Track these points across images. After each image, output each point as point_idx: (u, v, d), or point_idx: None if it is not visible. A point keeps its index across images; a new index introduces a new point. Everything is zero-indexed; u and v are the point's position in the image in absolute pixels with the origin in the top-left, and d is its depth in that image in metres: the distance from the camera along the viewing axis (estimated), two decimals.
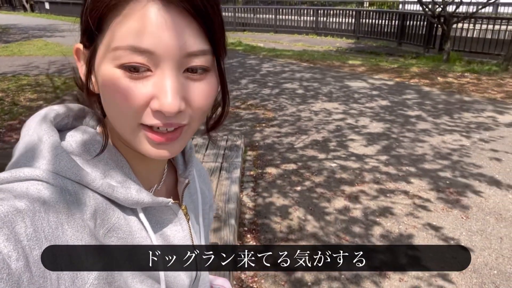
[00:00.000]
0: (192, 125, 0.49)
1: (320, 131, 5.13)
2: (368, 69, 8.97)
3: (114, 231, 0.48)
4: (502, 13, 14.37)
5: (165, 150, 0.48)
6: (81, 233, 0.43)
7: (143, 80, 0.43)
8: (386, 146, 4.66)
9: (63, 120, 0.53)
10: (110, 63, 0.43)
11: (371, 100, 6.50)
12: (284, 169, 4.07)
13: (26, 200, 0.39)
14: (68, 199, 0.43)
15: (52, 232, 0.40)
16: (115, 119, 0.47)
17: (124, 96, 0.43)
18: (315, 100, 6.52)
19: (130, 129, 0.46)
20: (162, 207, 0.56)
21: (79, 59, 0.50)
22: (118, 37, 0.42)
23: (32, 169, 0.43)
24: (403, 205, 3.40)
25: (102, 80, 0.45)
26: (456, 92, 6.98)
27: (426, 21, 11.07)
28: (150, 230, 0.53)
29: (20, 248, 0.36)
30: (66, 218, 0.42)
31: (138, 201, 0.50)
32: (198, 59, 0.45)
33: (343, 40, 14.39)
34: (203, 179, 0.75)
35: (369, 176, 3.92)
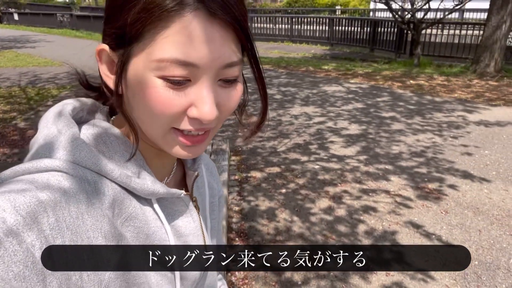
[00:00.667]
0: (217, 127, 0.52)
1: (301, 135, 5.21)
2: (343, 74, 9.19)
3: (131, 220, 0.50)
4: (467, 18, 15.05)
5: (193, 152, 0.51)
6: (100, 222, 0.44)
7: (182, 89, 0.45)
8: (364, 146, 4.78)
9: (78, 114, 0.54)
10: (151, 72, 0.44)
11: (348, 103, 6.66)
12: (268, 173, 4.11)
13: (47, 191, 0.40)
14: (88, 189, 0.45)
15: (73, 221, 0.41)
16: (147, 123, 0.48)
17: (163, 105, 0.44)
18: (293, 105, 6.62)
19: (162, 133, 0.48)
20: (174, 198, 0.58)
21: (101, 59, 0.50)
22: (163, 49, 0.42)
23: (53, 160, 0.44)
24: (385, 203, 3.50)
25: (139, 88, 0.45)
26: (427, 93, 7.25)
27: (397, 27, 11.47)
28: (164, 220, 0.54)
29: (43, 237, 0.38)
30: (86, 208, 0.43)
31: (154, 192, 0.52)
32: (233, 69, 0.47)
33: (317, 47, 14.69)
34: (211, 172, 0.76)
35: (351, 176, 4.01)
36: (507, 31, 8.15)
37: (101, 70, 0.50)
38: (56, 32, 20.91)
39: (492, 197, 3.56)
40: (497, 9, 8.00)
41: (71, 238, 0.40)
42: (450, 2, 9.98)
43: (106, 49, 0.48)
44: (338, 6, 21.04)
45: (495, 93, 7.13)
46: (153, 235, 0.52)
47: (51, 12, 24.69)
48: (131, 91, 0.47)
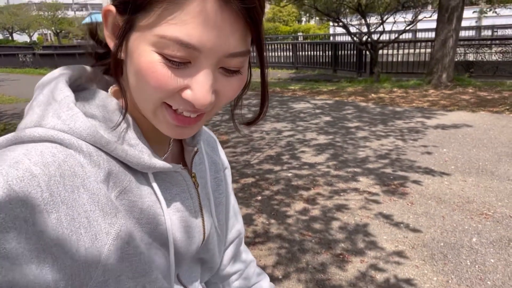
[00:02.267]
0: (212, 111, 0.51)
1: (273, 147, 5.40)
2: (309, 92, 9.59)
3: (126, 193, 0.48)
4: (420, 38, 16.12)
5: (182, 132, 0.49)
6: (97, 196, 0.43)
7: (181, 69, 0.43)
8: (333, 153, 5.02)
9: (76, 82, 0.51)
10: (151, 46, 0.42)
11: (315, 117, 6.96)
12: (244, 183, 4.23)
13: (41, 164, 0.39)
14: (83, 162, 0.43)
15: (68, 195, 0.40)
16: (139, 94, 0.47)
17: (158, 81, 0.43)
18: (264, 122, 6.84)
19: (153, 107, 0.47)
20: (171, 173, 0.56)
21: (106, 20, 0.48)
22: (167, 25, 0.41)
23: (47, 130, 0.43)
24: (356, 200, 3.69)
25: (138, 59, 0.44)
26: (389, 104, 7.70)
27: (356, 49, 12.15)
28: (160, 195, 0.53)
29: (38, 212, 0.36)
30: (82, 181, 0.42)
31: (150, 166, 0.50)
32: (237, 59, 0.45)
33: (283, 71, 15.23)
34: (212, 147, 0.74)
35: (322, 180, 4.20)
36: (454, 44, 8.86)
37: (105, 32, 0.48)
38: (19, 72, 20.61)
39: (452, 187, 3.83)
40: (442, 25, 8.72)
41: (66, 212, 0.39)
42: (402, 24, 10.76)
43: (112, 11, 0.46)
44: (300, 33, 22.03)
45: (449, 100, 7.66)
46: (147, 210, 0.51)
47: (13, 53, 24.36)
48: (129, 61, 0.46)
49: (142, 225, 0.50)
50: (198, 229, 0.60)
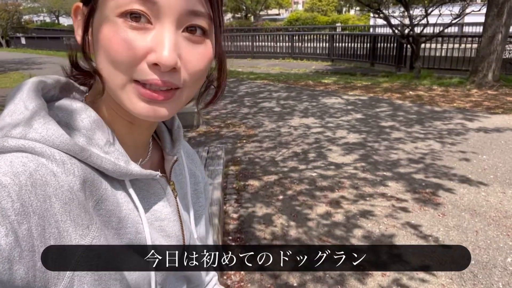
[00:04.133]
0: (185, 90, 0.48)
1: (300, 144, 5.25)
2: (342, 87, 9.29)
3: (103, 202, 0.47)
4: (467, 32, 15.22)
5: (156, 109, 0.46)
6: (69, 205, 0.41)
7: (142, 31, 0.43)
8: (362, 154, 4.80)
9: (49, 92, 0.51)
10: (111, 12, 0.43)
11: (347, 114, 6.72)
12: (266, 181, 4.14)
13: (11, 174, 0.38)
14: (56, 170, 0.42)
15: (40, 205, 0.39)
16: (107, 73, 0.46)
17: (122, 44, 0.43)
18: (292, 117, 6.69)
19: (122, 84, 0.45)
20: (149, 180, 0.55)
21: (76, 17, 0.49)
22: None
23: (17, 140, 0.42)
24: (382, 207, 3.50)
25: (100, 31, 0.44)
26: (427, 103, 7.30)
27: (396, 42, 11.62)
28: (138, 203, 0.52)
29: (8, 223, 0.36)
30: (54, 190, 0.41)
31: (127, 172, 0.49)
32: (199, 19, 0.45)
33: (318, 63, 14.88)
34: (192, 159, 0.73)
35: (348, 182, 4.02)
36: (502, 41, 8.24)
37: (75, 30, 0.49)
38: (62, 55, 21.39)
39: (489, 199, 3.55)
40: (491, 20, 8.12)
41: (37, 222, 0.38)
42: (448, 17, 10.14)
43: (79, 6, 0.48)
44: (338, 23, 21.38)
45: (494, 102, 7.16)
46: (125, 219, 0.50)
47: (57, 36, 25.31)
48: (97, 40, 0.45)
49: (121, 235, 0.49)
50: (178, 239, 0.59)
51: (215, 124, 6.41)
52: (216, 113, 7.15)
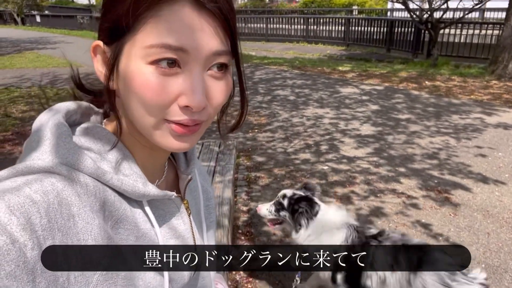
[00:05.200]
0: (208, 121, 0.52)
1: (312, 136, 5.22)
2: (358, 75, 9.13)
3: (121, 222, 0.50)
4: (488, 18, 14.71)
5: (186, 143, 0.51)
6: (91, 225, 0.44)
7: (173, 76, 0.46)
8: (376, 148, 4.76)
9: (71, 117, 0.54)
10: (142, 60, 0.46)
11: (362, 105, 6.62)
12: (277, 173, 4.14)
13: (41, 192, 0.41)
14: (79, 191, 0.45)
15: (65, 223, 0.41)
16: (139, 115, 0.48)
17: (155, 91, 0.46)
18: (306, 106, 6.62)
19: (155, 123, 0.49)
20: (165, 200, 0.58)
21: (95, 55, 0.51)
22: (153, 36, 0.45)
23: (46, 162, 0.45)
24: (393, 204, 3.48)
25: (131, 77, 0.47)
26: (444, 95, 7.14)
27: (414, 27, 11.31)
28: (155, 222, 0.55)
29: (35, 237, 0.38)
30: (77, 210, 0.43)
31: (145, 194, 0.52)
32: (221, 57, 0.49)
33: (333, 48, 14.61)
34: (203, 176, 0.77)
35: (360, 177, 4.00)
36: None
37: (96, 67, 0.51)
38: (76, 34, 21.43)
39: (503, 200, 3.50)
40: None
41: (61, 239, 0.41)
42: (469, 2, 9.79)
43: (100, 45, 0.50)
44: (355, 6, 20.86)
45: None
46: (142, 237, 0.52)
47: (72, 14, 25.29)
48: (123, 83, 0.48)
49: (137, 252, 0.51)
50: (191, 256, 0.61)
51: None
52: None
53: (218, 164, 2.98)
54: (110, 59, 0.48)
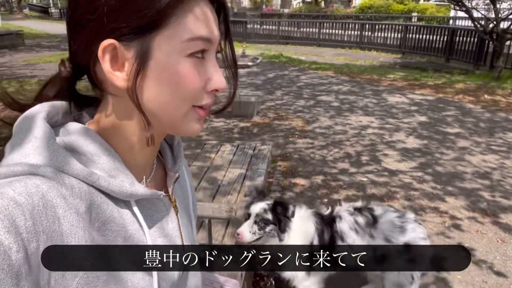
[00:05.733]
0: None
1: (354, 145, 5.05)
2: (409, 84, 8.73)
3: (109, 224, 0.49)
4: None
5: (202, 125, 0.55)
6: (75, 228, 0.44)
7: (202, 65, 0.51)
8: (422, 162, 4.50)
9: (53, 118, 0.53)
10: (181, 53, 0.48)
11: (409, 116, 6.31)
12: (314, 181, 4.04)
13: (25, 194, 0.41)
14: (65, 193, 0.44)
15: (49, 226, 0.41)
16: (170, 107, 0.51)
17: (193, 80, 0.50)
18: (350, 113, 6.43)
19: (185, 112, 0.52)
20: (153, 199, 0.57)
21: (104, 56, 0.48)
22: (192, 29, 0.48)
23: (29, 165, 0.44)
24: (434, 223, 3.26)
25: (168, 71, 0.48)
26: (503, 110, 6.62)
27: (477, 37, 10.62)
28: (143, 222, 0.54)
29: (20, 240, 0.38)
30: (63, 212, 0.43)
31: (132, 193, 0.52)
32: (219, 45, 0.54)
33: (387, 55, 14.11)
34: (188, 173, 0.77)
35: (401, 192, 3.79)
36: None
37: (105, 68, 0.48)
38: None
39: None
40: None
41: (45, 242, 0.40)
42: None
43: (115, 44, 0.47)
44: (414, 13, 19.98)
45: None
46: (130, 238, 0.52)
47: None
48: (154, 79, 0.48)
49: (126, 252, 0.51)
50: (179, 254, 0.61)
51: (269, 115, 6.37)
52: (272, 103, 7.10)
53: (250, 168, 2.96)
54: (137, 58, 0.47)
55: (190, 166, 3.02)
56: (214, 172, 2.91)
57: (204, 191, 2.60)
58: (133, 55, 0.48)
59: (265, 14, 24.02)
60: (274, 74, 9.93)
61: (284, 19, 20.34)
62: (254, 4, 35.73)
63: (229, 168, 2.99)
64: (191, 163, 3.06)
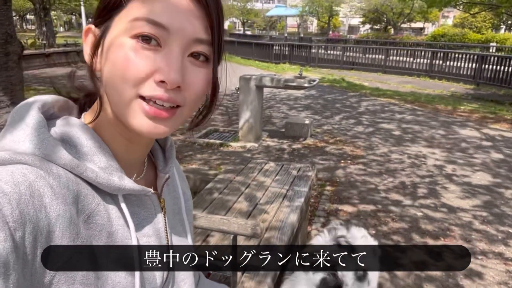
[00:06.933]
0: (185, 109, 0.51)
1: (410, 176, 4.70)
2: (483, 117, 8.06)
3: (94, 217, 0.49)
4: None
5: (158, 126, 0.49)
6: (62, 217, 0.43)
7: (152, 52, 0.47)
8: (487, 201, 4.04)
9: (49, 110, 0.54)
10: (124, 33, 0.47)
11: (480, 151, 5.77)
12: (362, 210, 3.80)
13: (11, 183, 0.40)
14: (52, 183, 0.44)
15: (36, 215, 0.41)
16: (114, 89, 0.49)
17: (134, 62, 0.46)
18: (411, 143, 6.05)
19: (128, 99, 0.48)
20: (141, 196, 0.57)
21: (86, 39, 0.53)
22: (137, 10, 0.47)
23: (18, 153, 0.44)
24: (497, 271, 2.87)
25: (113, 50, 0.48)
26: None
27: None
28: (129, 218, 0.53)
29: (7, 229, 0.37)
30: (49, 201, 0.43)
31: (120, 187, 0.51)
32: (203, 46, 0.50)
33: (459, 85, 13.25)
34: (182, 177, 0.76)
35: (460, 231, 3.42)
36: None
37: (85, 50, 0.52)
38: None
39: None
40: None
41: (31, 231, 0.40)
42: None
43: (91, 28, 0.51)
44: (493, 43, 18.71)
45: None
46: (115, 233, 0.51)
47: None
48: (108, 57, 0.48)
49: (109, 250, 0.50)
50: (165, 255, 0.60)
51: (323, 138, 6.20)
52: (328, 127, 6.93)
53: (292, 188, 2.84)
54: (97, 36, 0.50)
55: (231, 182, 2.98)
56: (254, 190, 2.84)
57: (241, 208, 2.54)
58: (98, 34, 0.50)
59: (331, 39, 23.98)
60: (333, 98, 9.75)
61: (349, 44, 20.12)
62: (321, 30, 35.96)
63: (269, 187, 2.90)
64: (233, 179, 3.02)
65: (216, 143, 5.71)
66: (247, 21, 43.12)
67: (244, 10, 40.84)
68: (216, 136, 6.21)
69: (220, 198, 2.68)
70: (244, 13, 41.09)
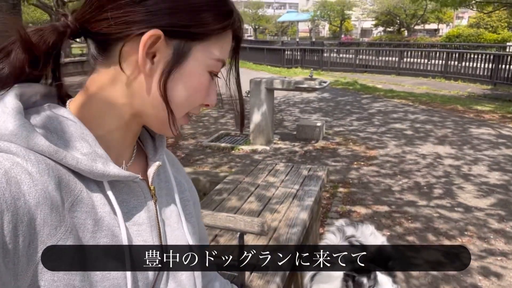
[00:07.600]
0: None
1: (425, 176, 4.61)
2: (499, 117, 7.87)
3: (78, 204, 0.48)
4: None
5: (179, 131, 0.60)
6: (42, 205, 0.42)
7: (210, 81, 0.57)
8: (503, 200, 3.93)
9: (31, 98, 0.52)
10: (206, 67, 0.55)
11: (494, 148, 5.64)
12: (375, 211, 3.74)
13: None
14: (31, 170, 0.43)
15: (14, 202, 0.40)
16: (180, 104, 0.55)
17: (205, 92, 0.56)
18: (424, 143, 5.95)
19: (180, 115, 0.56)
20: (130, 183, 0.56)
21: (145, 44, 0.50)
22: (222, 51, 0.55)
23: None
24: None
25: (192, 76, 0.54)
26: None
27: None
28: (115, 204, 0.52)
29: None
30: (28, 189, 0.42)
31: (104, 173, 0.50)
32: None
33: (475, 86, 12.98)
34: (177, 168, 0.74)
35: (476, 231, 3.33)
36: None
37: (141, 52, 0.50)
38: None
39: None
40: None
41: (10, 219, 0.39)
42: None
43: (161, 36, 0.50)
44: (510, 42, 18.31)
45: None
46: (101, 221, 0.50)
47: None
48: (179, 80, 0.53)
49: (96, 238, 0.48)
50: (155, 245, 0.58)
51: (335, 140, 6.14)
52: (340, 128, 6.87)
53: (302, 188, 2.81)
54: (174, 55, 0.52)
55: (240, 183, 2.97)
56: (264, 190, 2.82)
57: (250, 207, 2.52)
58: (171, 52, 0.52)
59: (343, 42, 23.86)
60: (346, 100, 9.67)
61: (362, 47, 19.97)
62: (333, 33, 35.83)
63: (280, 187, 2.87)
64: (242, 180, 3.01)
65: (227, 146, 5.72)
66: (258, 27, 43.32)
67: (255, 16, 41.06)
68: (228, 140, 6.22)
69: (229, 199, 2.67)
70: (255, 19, 41.30)
